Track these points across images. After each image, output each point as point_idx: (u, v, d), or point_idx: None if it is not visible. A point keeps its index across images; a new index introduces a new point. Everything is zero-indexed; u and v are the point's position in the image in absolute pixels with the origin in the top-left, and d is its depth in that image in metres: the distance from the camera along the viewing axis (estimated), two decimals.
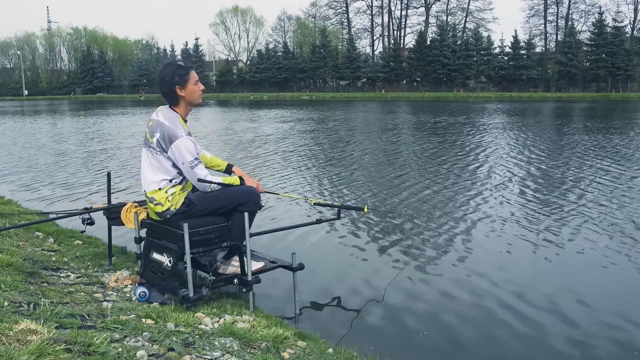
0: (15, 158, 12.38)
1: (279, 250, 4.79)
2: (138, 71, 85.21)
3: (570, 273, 4.51)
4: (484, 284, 4.30)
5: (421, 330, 3.54)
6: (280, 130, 19.33)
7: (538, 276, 4.48)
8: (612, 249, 5.08)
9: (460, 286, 4.25)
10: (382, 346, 3.28)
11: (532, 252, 5.08)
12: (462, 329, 3.55)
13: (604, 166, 10.00)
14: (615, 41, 58.95)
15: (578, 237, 5.47)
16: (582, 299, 3.99)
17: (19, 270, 3.31)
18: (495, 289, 4.18)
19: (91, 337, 2.22)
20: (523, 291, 4.15)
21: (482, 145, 13.93)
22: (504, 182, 8.54)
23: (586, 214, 6.36)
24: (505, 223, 6.05)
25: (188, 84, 3.37)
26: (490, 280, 4.38)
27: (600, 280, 4.37)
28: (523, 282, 4.32)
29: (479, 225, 5.96)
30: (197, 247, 3.30)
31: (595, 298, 4.01)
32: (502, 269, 4.63)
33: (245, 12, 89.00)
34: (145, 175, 3.42)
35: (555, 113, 29.43)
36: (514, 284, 4.30)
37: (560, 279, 4.37)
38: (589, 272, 4.58)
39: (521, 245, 5.26)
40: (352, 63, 70.78)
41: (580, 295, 4.06)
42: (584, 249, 5.11)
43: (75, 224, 5.32)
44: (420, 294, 4.12)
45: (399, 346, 3.32)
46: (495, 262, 4.80)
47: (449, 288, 4.22)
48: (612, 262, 4.73)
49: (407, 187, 8.34)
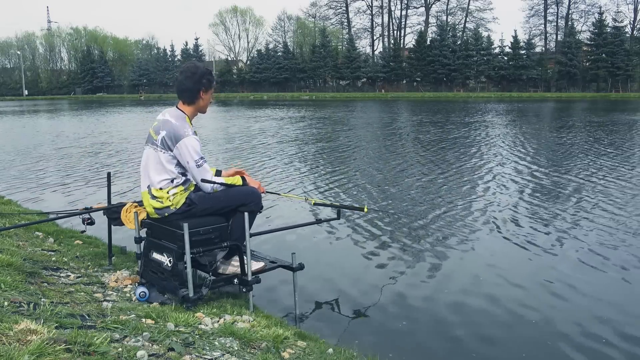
0: (16, 158, 12.37)
1: (279, 250, 4.79)
2: (138, 71, 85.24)
3: (571, 272, 4.51)
4: (484, 283, 4.30)
5: (421, 330, 3.54)
6: (280, 130, 19.32)
7: (538, 276, 4.47)
8: (612, 246, 5.09)
9: (461, 286, 4.25)
10: (382, 346, 3.28)
11: (533, 252, 5.07)
12: (462, 328, 3.55)
13: (604, 165, 10.00)
14: (615, 41, 58.96)
15: (579, 237, 5.47)
16: (582, 298, 3.99)
17: (19, 270, 3.31)
18: (496, 289, 4.18)
19: (91, 337, 2.22)
20: (523, 291, 4.16)
21: (482, 145, 13.93)
22: (504, 182, 8.54)
23: (586, 214, 6.36)
24: (506, 223, 6.05)
25: (209, 91, 3.47)
26: (490, 280, 4.38)
27: (600, 278, 4.37)
28: (523, 282, 4.32)
29: (479, 225, 5.96)
30: (197, 247, 3.30)
31: (595, 298, 4.01)
32: (503, 269, 4.63)
33: (245, 12, 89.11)
34: (147, 173, 3.42)
35: (556, 113, 29.43)
36: (514, 283, 4.30)
37: (561, 279, 4.37)
38: (589, 272, 4.57)
39: (522, 245, 5.26)
40: (352, 63, 70.78)
41: (581, 295, 4.06)
42: (584, 248, 5.10)
43: (75, 224, 5.33)
44: (420, 294, 4.12)
45: (399, 346, 3.32)
46: (496, 262, 4.80)
47: (449, 288, 4.22)
48: (613, 260, 4.74)
49: (407, 187, 8.34)
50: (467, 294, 4.10)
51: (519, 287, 4.24)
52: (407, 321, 3.66)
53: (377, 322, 3.64)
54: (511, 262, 4.82)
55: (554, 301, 3.95)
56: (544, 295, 4.07)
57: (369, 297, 4.05)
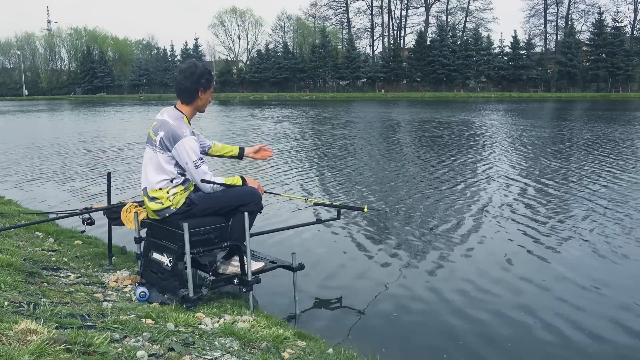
0: (16, 158, 12.37)
1: (279, 250, 4.79)
2: (138, 71, 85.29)
3: (572, 272, 4.50)
4: (485, 283, 4.30)
5: (421, 330, 3.54)
6: (280, 130, 19.33)
7: (539, 275, 4.47)
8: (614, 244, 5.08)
9: (461, 286, 4.25)
10: (382, 346, 3.28)
11: (534, 251, 5.07)
12: (462, 328, 3.54)
13: (605, 163, 10.01)
14: (615, 41, 58.98)
15: (579, 236, 5.46)
16: (583, 298, 3.99)
17: (19, 270, 3.31)
18: (496, 289, 4.18)
19: (91, 337, 2.22)
20: (524, 291, 4.15)
21: (482, 144, 13.93)
22: (504, 182, 8.53)
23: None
24: (506, 222, 6.05)
25: (208, 90, 3.46)
26: (491, 279, 4.38)
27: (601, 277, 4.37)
28: (524, 282, 4.32)
29: (479, 225, 5.96)
30: (197, 247, 3.30)
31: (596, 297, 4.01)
32: (503, 269, 4.63)
33: (244, 13, 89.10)
34: (147, 174, 3.42)
35: (556, 113, 29.43)
36: (516, 283, 4.30)
37: (562, 278, 4.37)
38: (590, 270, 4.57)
39: (522, 245, 5.25)
40: (352, 63, 70.79)
41: (582, 294, 4.06)
42: (585, 247, 5.10)
43: (75, 224, 5.32)
44: (420, 294, 4.11)
45: (399, 346, 3.32)
46: (496, 262, 4.80)
47: (449, 288, 4.22)
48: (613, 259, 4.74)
49: (408, 187, 8.34)
50: (467, 293, 4.10)
51: (520, 287, 4.23)
52: (408, 321, 3.66)
53: (377, 322, 3.64)
54: (512, 262, 4.81)
55: (554, 301, 3.94)
56: (545, 295, 4.07)
57: (369, 297, 4.04)
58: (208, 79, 3.43)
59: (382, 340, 3.38)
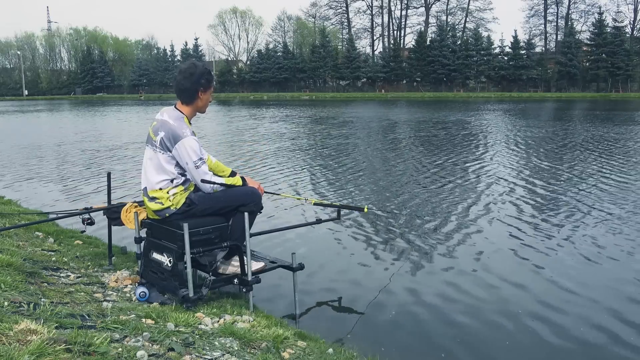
0: (15, 158, 12.37)
1: (279, 250, 4.79)
2: (138, 71, 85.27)
3: (573, 271, 4.50)
4: (485, 283, 4.30)
5: (421, 330, 3.54)
6: (280, 130, 19.32)
7: (539, 275, 4.47)
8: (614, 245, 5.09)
9: (461, 286, 4.25)
10: (382, 346, 3.28)
11: (535, 251, 5.06)
12: (462, 328, 3.54)
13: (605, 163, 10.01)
14: (615, 41, 58.99)
15: (580, 235, 5.46)
16: (583, 298, 3.99)
17: (19, 270, 3.31)
18: (496, 289, 4.18)
19: (91, 337, 2.22)
20: (524, 291, 4.15)
21: (482, 144, 13.93)
22: (504, 182, 8.53)
23: (587, 212, 6.36)
24: (506, 222, 6.05)
25: (208, 91, 3.45)
26: (491, 279, 4.38)
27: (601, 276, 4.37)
28: (524, 282, 4.32)
29: (479, 225, 5.96)
30: (197, 247, 3.30)
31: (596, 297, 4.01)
32: (503, 268, 4.62)
33: (244, 13, 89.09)
34: (147, 174, 3.42)
35: (555, 113, 29.43)
36: (517, 283, 4.29)
37: (562, 278, 4.37)
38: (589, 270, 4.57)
39: (522, 245, 5.25)
40: (352, 63, 70.79)
41: (582, 294, 4.06)
42: (585, 247, 5.10)
43: (75, 224, 5.32)
44: (420, 294, 4.11)
45: (399, 346, 3.32)
46: (496, 262, 4.80)
47: (449, 288, 4.22)
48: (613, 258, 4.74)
49: (407, 187, 8.34)
50: (468, 293, 4.10)
51: (521, 287, 4.23)
52: (408, 321, 3.66)
53: (378, 322, 3.64)
54: (513, 262, 4.82)
55: (555, 301, 3.94)
56: (545, 295, 4.06)
57: (369, 297, 4.04)
58: (208, 79, 3.43)
59: (382, 340, 3.38)
